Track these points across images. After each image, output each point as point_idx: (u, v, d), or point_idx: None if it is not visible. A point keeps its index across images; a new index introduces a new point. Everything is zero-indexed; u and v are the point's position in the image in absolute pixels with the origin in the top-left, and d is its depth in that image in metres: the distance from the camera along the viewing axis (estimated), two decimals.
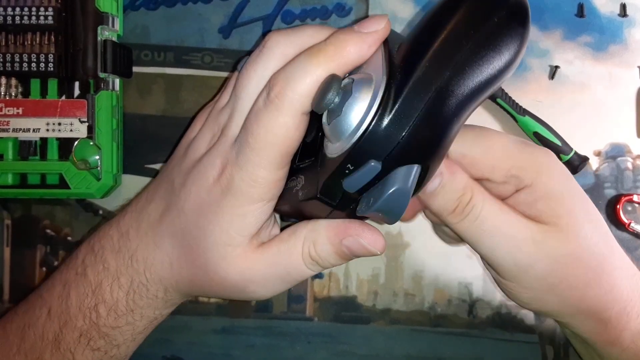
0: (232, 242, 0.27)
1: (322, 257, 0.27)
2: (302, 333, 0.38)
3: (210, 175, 0.27)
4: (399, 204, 0.22)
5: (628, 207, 0.38)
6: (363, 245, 0.26)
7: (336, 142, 0.23)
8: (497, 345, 0.38)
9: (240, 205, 0.26)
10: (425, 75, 0.22)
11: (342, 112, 0.23)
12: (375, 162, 0.22)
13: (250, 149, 0.25)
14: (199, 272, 0.28)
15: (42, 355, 0.29)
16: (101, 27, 0.36)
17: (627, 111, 0.38)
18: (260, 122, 0.25)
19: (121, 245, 0.29)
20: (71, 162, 0.36)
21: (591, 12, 0.39)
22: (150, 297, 0.29)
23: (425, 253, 0.38)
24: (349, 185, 0.23)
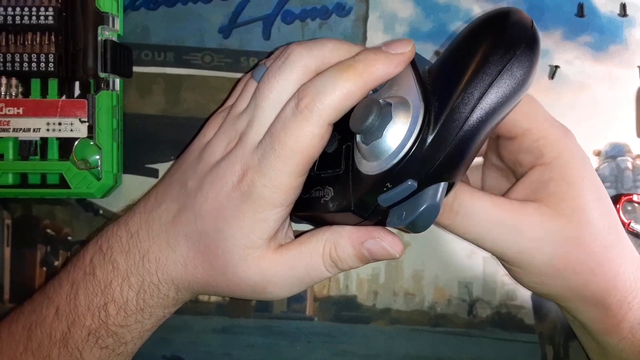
0: (253, 245, 0.27)
1: (342, 259, 0.28)
2: (302, 333, 0.39)
3: (229, 180, 0.27)
4: (429, 218, 0.25)
5: (628, 206, 0.38)
6: (384, 247, 0.27)
7: (374, 161, 0.25)
8: (497, 345, 0.38)
9: (262, 210, 0.27)
10: (461, 104, 0.24)
11: (383, 134, 0.24)
12: (412, 182, 0.24)
13: (276, 156, 0.26)
14: (216, 273, 0.28)
15: (50, 353, 0.29)
16: (101, 27, 0.36)
17: (627, 111, 0.38)
18: (288, 130, 0.26)
19: (131, 246, 0.30)
20: (71, 162, 0.36)
21: (591, 12, 0.39)
22: (161, 296, 0.29)
23: (425, 253, 0.38)
24: (384, 201, 0.25)
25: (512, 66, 0.25)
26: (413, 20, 0.39)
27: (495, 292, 0.38)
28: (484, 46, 0.25)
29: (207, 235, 0.28)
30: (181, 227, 0.29)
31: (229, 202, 0.27)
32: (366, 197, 0.26)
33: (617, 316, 0.29)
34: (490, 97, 0.24)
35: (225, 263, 0.28)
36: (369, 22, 0.39)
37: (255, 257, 0.28)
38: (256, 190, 0.27)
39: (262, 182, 0.27)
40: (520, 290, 0.38)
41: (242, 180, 0.27)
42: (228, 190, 0.27)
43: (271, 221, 0.27)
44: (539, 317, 0.38)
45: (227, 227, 0.27)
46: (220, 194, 0.28)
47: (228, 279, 0.28)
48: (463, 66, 0.25)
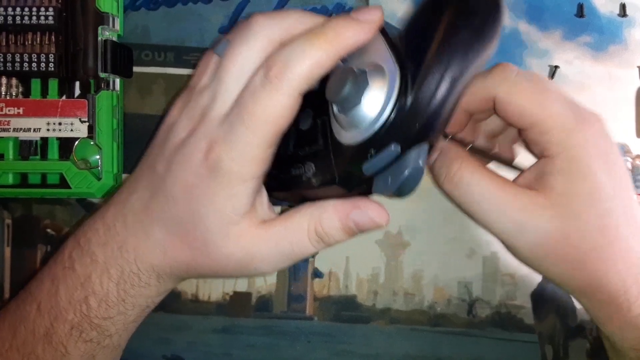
0: (231, 221, 0.27)
1: (327, 233, 0.28)
2: (302, 332, 0.39)
3: (196, 158, 0.27)
4: (415, 181, 0.25)
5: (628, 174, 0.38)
6: (371, 217, 0.27)
7: (354, 131, 0.25)
8: (496, 345, 0.38)
9: (232, 185, 0.26)
10: (434, 64, 0.24)
11: (361, 102, 0.24)
12: (396, 146, 0.24)
13: (244, 127, 0.25)
14: (197, 254, 0.28)
15: (35, 350, 0.29)
16: (102, 27, 0.36)
17: (627, 111, 0.38)
18: (257, 100, 0.25)
19: (108, 238, 0.29)
20: (72, 161, 0.36)
21: (591, 12, 0.39)
22: (142, 285, 0.29)
23: (425, 253, 0.38)
24: (369, 169, 0.25)
25: (479, 23, 0.25)
26: None
27: (495, 292, 0.38)
28: (451, 7, 0.25)
29: (182, 218, 0.27)
30: (155, 213, 0.28)
31: (198, 180, 0.27)
32: (350, 167, 0.25)
33: (605, 312, 0.29)
34: (463, 56, 0.24)
35: (205, 243, 0.27)
36: None
37: (236, 233, 0.27)
38: (224, 164, 0.26)
39: (230, 155, 0.26)
40: (520, 290, 0.38)
41: (208, 156, 0.26)
42: (196, 169, 0.27)
43: (243, 196, 0.27)
44: (539, 317, 0.38)
45: (201, 206, 0.27)
46: (189, 174, 0.27)
47: (211, 258, 0.28)
48: (433, 28, 0.25)
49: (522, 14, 0.39)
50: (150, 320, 0.38)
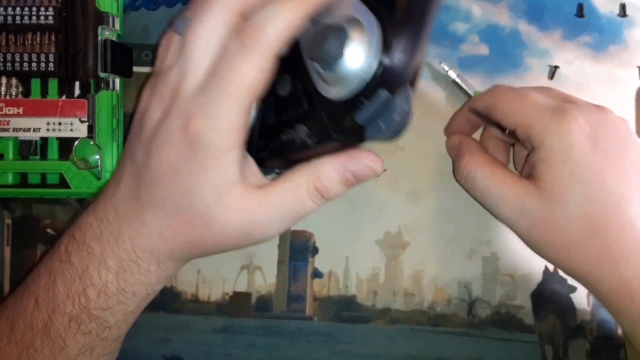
0: (225, 192, 0.27)
1: (327, 188, 0.28)
2: (302, 332, 0.39)
3: (175, 136, 0.27)
4: (405, 123, 0.26)
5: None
6: (367, 165, 0.28)
7: (342, 85, 0.25)
8: (496, 345, 0.38)
9: (217, 156, 0.26)
10: (408, 8, 0.25)
11: (344, 55, 0.25)
12: (384, 92, 0.25)
13: (223, 95, 0.25)
14: (198, 231, 0.28)
15: (33, 343, 0.29)
16: (101, 27, 0.36)
17: (627, 111, 0.38)
18: (233, 66, 0.25)
19: (102, 230, 0.29)
20: (71, 161, 0.36)
21: (591, 12, 0.39)
22: (142, 273, 0.29)
23: (424, 253, 0.38)
24: (361, 118, 0.25)
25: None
26: None
27: (495, 292, 0.38)
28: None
29: (174, 198, 0.27)
30: (145, 199, 0.28)
31: (181, 158, 0.27)
32: (344, 119, 0.26)
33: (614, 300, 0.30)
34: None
35: (204, 218, 0.27)
36: None
37: (232, 201, 0.27)
38: (206, 137, 0.26)
39: (211, 125, 0.26)
40: (520, 290, 0.38)
41: (187, 131, 0.26)
42: (177, 147, 0.27)
43: (231, 165, 0.27)
44: (539, 317, 0.38)
45: (191, 183, 0.27)
46: (171, 154, 0.27)
47: (213, 231, 0.28)
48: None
49: (522, 14, 0.39)
50: (150, 320, 0.38)
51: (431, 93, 0.39)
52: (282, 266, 0.39)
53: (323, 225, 0.39)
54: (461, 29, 0.39)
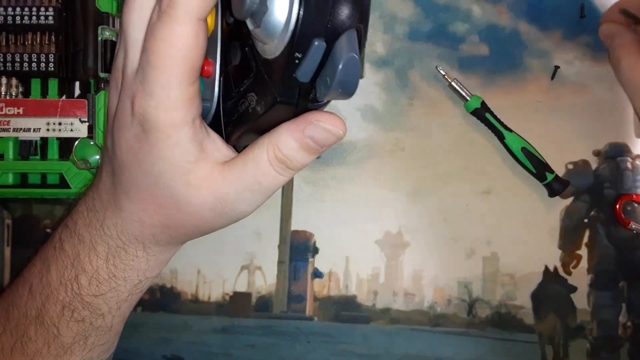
0: (187, 170, 0.26)
1: (288, 157, 0.26)
2: (302, 332, 0.39)
3: (127, 120, 0.26)
4: (354, 72, 0.23)
5: (628, 207, 0.38)
6: (326, 128, 0.26)
7: (274, 41, 0.24)
8: (496, 345, 0.38)
9: (168, 134, 0.25)
10: None
11: (268, 7, 0.23)
12: (319, 40, 0.23)
13: (154, 69, 0.24)
14: (171, 213, 0.27)
15: (27, 331, 0.29)
16: (101, 27, 0.36)
17: (627, 111, 0.38)
18: (157, 36, 0.24)
19: (91, 218, 0.29)
20: (72, 161, 0.36)
21: (591, 12, 0.39)
22: (130, 258, 0.29)
23: (424, 253, 0.38)
24: (303, 75, 0.24)
25: None
26: (413, 20, 0.39)
27: (495, 292, 0.38)
28: None
29: (141, 182, 0.27)
30: (119, 186, 0.28)
31: (137, 141, 0.26)
32: (285, 80, 0.24)
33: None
34: None
35: (174, 198, 0.27)
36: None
37: (197, 179, 0.26)
38: (150, 116, 0.25)
39: (152, 104, 0.25)
40: (520, 290, 0.38)
41: (135, 113, 0.25)
42: (131, 131, 0.26)
43: (186, 142, 0.26)
44: (539, 317, 0.38)
45: (152, 166, 0.26)
46: (128, 138, 0.26)
47: (186, 212, 0.27)
48: None
49: (522, 14, 0.39)
50: (150, 320, 0.38)
51: (430, 94, 0.39)
52: (282, 266, 0.39)
53: (323, 225, 0.39)
54: (461, 29, 0.39)
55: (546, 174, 0.37)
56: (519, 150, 0.37)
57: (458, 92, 0.37)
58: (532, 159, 0.37)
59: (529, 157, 0.37)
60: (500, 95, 0.38)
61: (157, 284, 0.39)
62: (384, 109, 0.39)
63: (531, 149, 0.37)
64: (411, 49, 0.39)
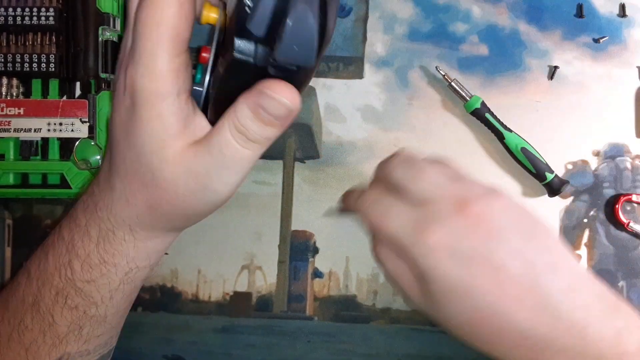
0: (165, 144, 0.26)
1: (245, 126, 0.26)
2: (302, 332, 0.39)
3: (120, 94, 0.27)
4: (306, 25, 0.22)
5: (627, 206, 0.38)
6: (272, 96, 0.25)
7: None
8: None
9: (152, 106, 0.25)
10: None
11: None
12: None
13: (140, 37, 0.25)
14: (151, 190, 0.27)
15: (24, 319, 0.30)
16: (102, 28, 0.36)
17: (626, 111, 0.38)
18: (144, 4, 0.25)
19: (88, 202, 0.30)
20: (72, 162, 0.36)
21: (590, 12, 0.39)
22: (117, 241, 0.29)
23: None
24: (255, 26, 0.23)
25: None
26: (413, 20, 0.39)
27: None
28: None
29: (128, 158, 0.27)
30: (113, 165, 0.28)
31: (126, 113, 0.26)
32: (239, 32, 0.23)
33: None
34: None
35: (152, 174, 0.27)
36: (369, 23, 0.39)
37: (172, 155, 0.26)
38: (137, 85, 0.25)
39: (139, 71, 0.25)
40: None
41: (126, 85, 0.26)
42: (124, 104, 0.26)
43: (168, 115, 0.26)
44: None
45: (136, 137, 0.26)
46: (121, 111, 0.27)
47: (162, 188, 0.27)
48: None
49: (522, 14, 0.39)
50: (151, 320, 0.38)
51: (430, 95, 0.39)
52: (282, 266, 0.39)
53: (323, 225, 0.39)
54: (461, 29, 0.39)
55: (546, 174, 0.37)
56: (518, 150, 0.37)
57: (458, 92, 0.37)
58: (532, 159, 0.37)
59: (529, 157, 0.37)
60: (499, 96, 0.38)
61: (158, 284, 0.39)
62: (383, 109, 0.39)
63: (531, 149, 0.37)
64: (411, 49, 0.39)
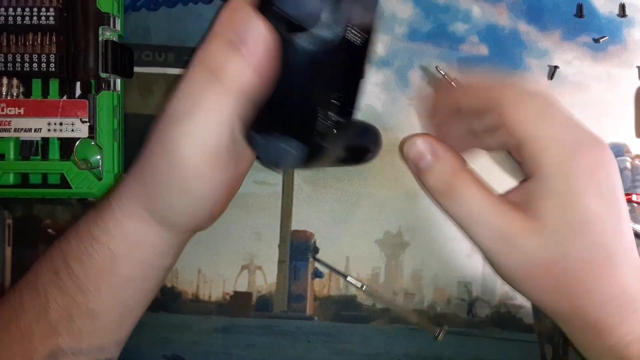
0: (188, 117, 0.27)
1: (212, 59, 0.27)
2: (302, 332, 0.39)
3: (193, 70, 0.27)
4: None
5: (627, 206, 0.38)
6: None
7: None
8: (496, 344, 0.38)
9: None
10: None
11: None
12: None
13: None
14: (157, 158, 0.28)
15: (23, 302, 0.30)
16: (102, 28, 0.36)
17: (626, 111, 0.38)
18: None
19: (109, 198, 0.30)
20: (72, 161, 0.36)
21: (590, 12, 0.39)
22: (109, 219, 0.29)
23: (424, 252, 0.39)
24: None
25: None
26: (413, 20, 0.39)
27: (495, 291, 0.38)
28: None
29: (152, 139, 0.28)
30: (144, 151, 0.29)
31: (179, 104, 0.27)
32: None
33: (586, 339, 0.28)
34: None
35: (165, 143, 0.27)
36: None
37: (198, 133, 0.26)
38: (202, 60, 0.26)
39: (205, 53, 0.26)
40: None
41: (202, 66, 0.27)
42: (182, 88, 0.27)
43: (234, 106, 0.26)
44: (539, 316, 0.38)
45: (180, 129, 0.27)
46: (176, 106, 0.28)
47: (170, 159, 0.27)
48: None
49: (521, 14, 0.39)
50: (150, 320, 0.38)
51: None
52: (282, 266, 0.39)
53: (323, 225, 0.39)
54: (461, 29, 0.39)
55: None
56: None
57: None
58: None
59: None
60: None
61: None
62: (383, 109, 0.39)
63: None
64: (411, 49, 0.39)
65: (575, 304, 0.28)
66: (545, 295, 0.28)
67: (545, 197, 0.27)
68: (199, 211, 0.29)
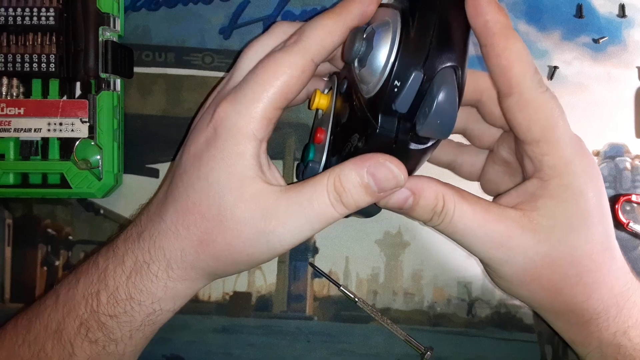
0: (244, 181, 0.27)
1: (345, 188, 0.27)
2: (302, 332, 0.39)
3: (204, 125, 0.28)
4: (451, 105, 0.25)
5: (626, 207, 0.38)
6: (390, 168, 0.26)
7: (375, 77, 0.26)
8: (496, 345, 0.38)
9: (238, 141, 0.27)
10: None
11: (373, 47, 0.26)
12: (417, 71, 0.25)
13: (254, 82, 0.27)
14: (211, 225, 0.27)
15: (45, 346, 0.29)
16: (102, 28, 0.36)
17: (626, 111, 0.38)
18: (272, 57, 0.27)
19: (132, 231, 0.30)
20: (72, 161, 0.36)
21: (590, 12, 0.39)
22: (149, 278, 0.28)
23: (424, 252, 0.39)
24: (401, 104, 0.25)
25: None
26: None
27: (494, 291, 0.38)
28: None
29: (193, 188, 0.27)
30: (169, 194, 0.28)
31: (205, 144, 0.27)
32: (384, 109, 0.26)
33: (584, 333, 0.30)
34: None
35: (220, 208, 0.27)
36: None
37: (250, 194, 0.27)
38: (230, 120, 0.27)
39: (237, 109, 0.27)
40: None
41: (214, 117, 0.27)
42: (204, 135, 0.28)
43: (250, 155, 0.27)
44: (538, 316, 0.38)
45: (211, 169, 0.27)
46: (198, 142, 0.28)
47: (226, 226, 0.27)
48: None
49: (521, 14, 0.39)
50: None
51: None
52: (282, 266, 0.39)
53: None
54: None
55: None
56: None
57: None
58: None
59: None
60: None
61: None
62: None
63: None
64: None
65: (574, 299, 0.29)
66: (545, 296, 0.29)
67: (546, 195, 0.28)
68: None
